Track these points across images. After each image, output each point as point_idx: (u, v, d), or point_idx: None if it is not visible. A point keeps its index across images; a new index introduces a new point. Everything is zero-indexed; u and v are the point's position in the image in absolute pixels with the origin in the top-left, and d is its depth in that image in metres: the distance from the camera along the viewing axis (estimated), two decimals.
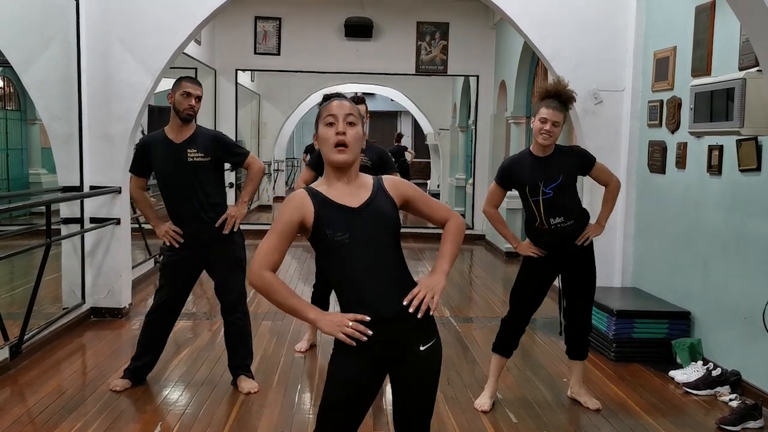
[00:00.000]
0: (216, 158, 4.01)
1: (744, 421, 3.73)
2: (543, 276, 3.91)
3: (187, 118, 3.94)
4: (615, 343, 4.83)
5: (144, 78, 5.59)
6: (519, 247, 3.94)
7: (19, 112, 11.75)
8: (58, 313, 5.26)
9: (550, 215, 3.76)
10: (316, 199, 2.12)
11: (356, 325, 2.06)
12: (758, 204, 4.11)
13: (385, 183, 2.21)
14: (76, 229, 5.50)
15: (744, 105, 3.71)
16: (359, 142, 2.16)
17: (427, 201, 2.29)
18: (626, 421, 3.84)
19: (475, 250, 10.10)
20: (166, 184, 4.02)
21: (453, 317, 6.09)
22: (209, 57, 10.29)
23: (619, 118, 5.75)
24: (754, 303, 4.02)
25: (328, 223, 2.09)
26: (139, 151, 4.10)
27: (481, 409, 3.91)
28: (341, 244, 2.08)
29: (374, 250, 2.11)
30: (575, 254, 3.87)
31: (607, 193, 3.99)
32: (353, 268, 2.11)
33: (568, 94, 3.75)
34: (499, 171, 3.95)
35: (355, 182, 2.18)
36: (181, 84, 3.94)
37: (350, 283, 2.13)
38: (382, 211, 2.15)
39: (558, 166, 3.76)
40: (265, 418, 3.74)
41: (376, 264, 2.11)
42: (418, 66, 10.57)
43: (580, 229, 3.84)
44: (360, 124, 2.17)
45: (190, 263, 4.07)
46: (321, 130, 2.16)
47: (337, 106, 2.15)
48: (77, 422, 3.61)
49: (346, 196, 2.13)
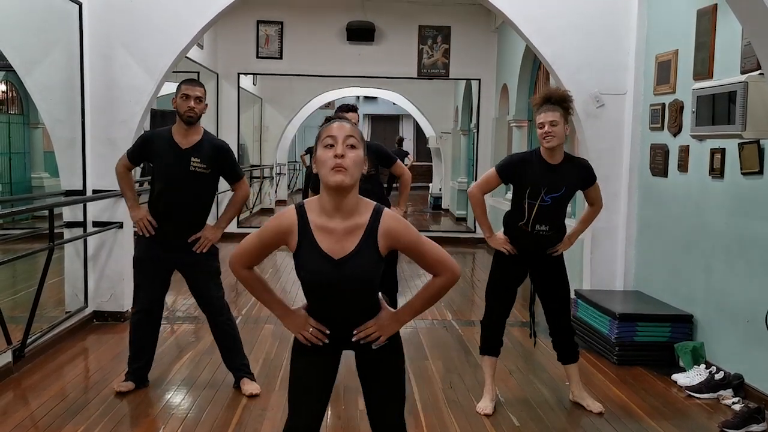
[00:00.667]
0: (216, 169, 4.01)
1: (747, 425, 3.73)
2: (512, 272, 3.93)
3: (189, 120, 3.94)
4: (617, 346, 4.83)
5: (146, 82, 5.60)
6: (492, 239, 3.91)
7: (22, 115, 11.78)
8: (61, 316, 5.27)
9: (537, 221, 3.78)
10: (302, 234, 2.11)
11: (315, 332, 2.20)
12: (761, 207, 4.11)
13: (381, 227, 2.10)
14: (78, 232, 5.51)
15: (746, 108, 3.71)
16: (359, 166, 2.06)
17: (420, 251, 2.16)
18: (629, 424, 3.83)
19: (477, 253, 10.10)
20: (161, 183, 4.01)
21: (455, 320, 6.09)
22: (212, 61, 10.31)
23: (621, 121, 5.75)
24: (756, 306, 4.01)
25: (305, 263, 2.13)
26: (141, 143, 4.10)
27: (483, 412, 3.91)
28: (311, 287, 2.17)
29: (343, 296, 2.17)
30: (546, 259, 3.91)
31: (588, 213, 4.02)
32: (322, 306, 2.21)
33: (559, 94, 3.76)
34: (505, 163, 3.91)
35: (350, 219, 2.09)
36: (180, 87, 3.98)
37: (315, 310, 2.24)
38: (361, 266, 2.12)
39: (564, 177, 3.76)
40: (267, 422, 3.74)
41: (342, 306, 2.19)
42: (420, 69, 10.59)
43: (557, 239, 3.87)
44: (362, 148, 2.08)
45: (162, 263, 4.06)
46: (320, 152, 2.09)
47: (337, 128, 2.08)
48: (80, 426, 3.62)
49: (332, 242, 2.09)
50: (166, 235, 3.99)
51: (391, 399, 2.31)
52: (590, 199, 3.98)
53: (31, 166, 11.87)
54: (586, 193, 3.96)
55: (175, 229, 3.99)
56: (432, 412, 3.94)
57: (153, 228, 3.99)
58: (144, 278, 4.11)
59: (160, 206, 4.02)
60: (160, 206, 4.02)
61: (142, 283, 4.12)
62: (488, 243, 3.98)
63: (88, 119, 5.56)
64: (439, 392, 4.27)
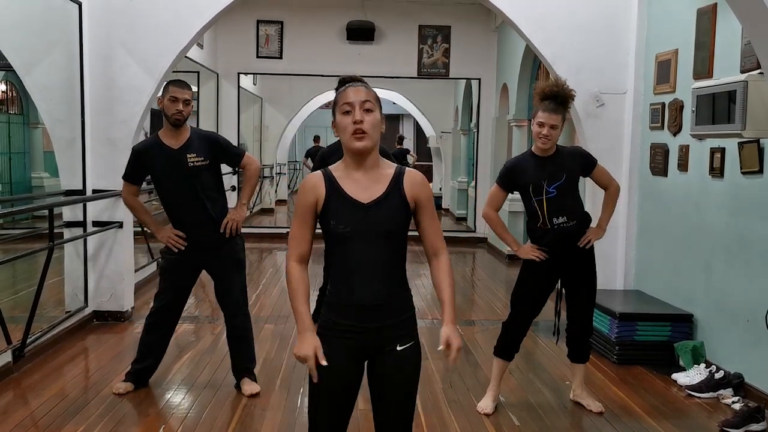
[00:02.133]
0: (213, 160, 4.00)
1: (747, 424, 3.73)
2: (544, 279, 3.89)
3: (176, 123, 3.91)
4: (618, 345, 4.83)
5: (146, 82, 5.60)
6: (520, 251, 3.89)
7: (21, 115, 11.78)
8: (61, 316, 5.27)
9: (553, 215, 3.75)
10: (329, 186, 2.14)
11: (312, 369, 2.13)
12: (760, 206, 4.11)
13: (406, 178, 2.17)
14: (78, 232, 5.51)
15: (746, 107, 3.71)
16: (377, 128, 2.14)
17: (432, 217, 2.23)
18: (629, 423, 3.83)
19: (477, 252, 10.10)
20: (166, 191, 4.00)
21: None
22: (212, 61, 10.31)
23: (621, 120, 5.75)
24: (756, 305, 4.01)
25: (334, 213, 2.12)
26: (134, 159, 4.03)
27: (483, 412, 3.91)
28: (342, 236, 2.13)
29: (372, 247, 2.13)
30: (576, 257, 3.85)
31: (607, 197, 3.98)
32: (348, 258, 2.15)
33: (566, 93, 3.74)
34: (501, 173, 3.94)
35: (373, 172, 2.16)
36: (168, 89, 3.92)
37: (342, 268, 2.17)
38: (390, 212, 2.14)
39: (561, 165, 3.76)
40: (267, 422, 3.74)
41: (371, 260, 2.14)
42: (420, 69, 10.59)
43: (581, 230, 3.83)
44: (377, 110, 2.15)
45: (190, 265, 4.07)
46: (338, 118, 2.14)
47: (353, 94, 2.12)
48: (80, 426, 3.62)
49: (359, 189, 2.13)
50: (190, 236, 3.99)
51: (401, 415, 2.26)
52: (601, 183, 3.95)
53: (31, 166, 11.87)
54: (594, 179, 3.94)
55: (195, 229, 3.98)
56: (432, 412, 3.94)
57: (183, 240, 3.99)
58: (166, 284, 4.09)
59: (173, 213, 4.03)
60: (173, 213, 4.03)
61: (164, 289, 4.10)
62: (518, 255, 3.92)
63: (87, 119, 5.56)
64: (439, 392, 4.27)
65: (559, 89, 3.73)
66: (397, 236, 2.17)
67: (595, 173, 3.90)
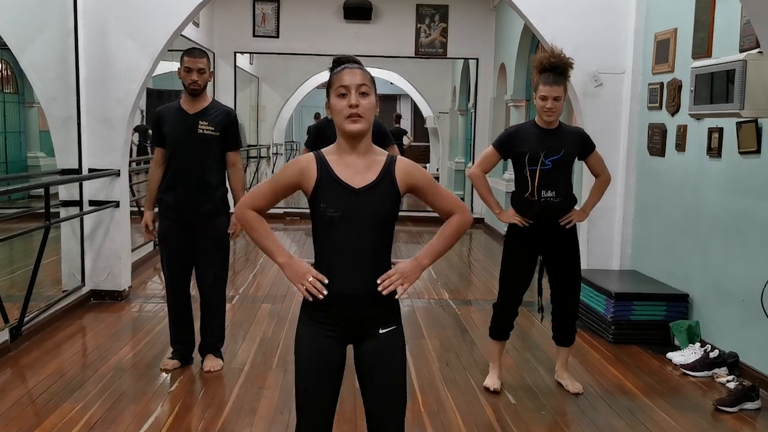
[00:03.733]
0: (223, 134, 4.02)
1: (741, 403, 3.75)
2: (526, 258, 3.88)
3: (193, 92, 3.97)
4: (613, 325, 4.85)
5: (142, 60, 5.56)
6: (502, 215, 3.88)
7: (17, 95, 11.70)
8: (58, 295, 5.28)
9: (542, 187, 3.73)
10: (321, 169, 2.12)
11: (315, 282, 2.11)
12: (758, 186, 4.11)
13: (397, 167, 2.16)
14: (75, 211, 5.50)
15: (744, 87, 3.69)
16: (372, 111, 2.13)
17: (435, 190, 2.22)
18: (624, 402, 3.86)
19: (474, 233, 10.10)
20: (173, 153, 4.02)
21: (452, 300, 6.11)
22: (208, 40, 10.23)
23: (619, 100, 5.73)
24: (752, 285, 4.03)
25: (324, 196, 2.11)
26: (155, 120, 4.12)
27: (493, 388, 3.93)
28: (331, 220, 2.11)
29: (361, 233, 2.11)
30: (559, 234, 3.83)
31: (597, 184, 3.98)
32: (335, 243, 2.13)
33: (565, 62, 3.71)
34: (500, 137, 3.90)
35: (367, 157, 2.14)
36: (183, 59, 3.99)
37: (328, 253, 2.15)
38: (381, 199, 2.13)
39: (561, 140, 3.74)
40: (264, 400, 3.76)
41: (358, 246, 2.12)
42: (418, 49, 10.52)
43: (566, 208, 3.81)
44: (373, 93, 2.13)
45: (182, 235, 4.06)
46: (333, 100, 2.12)
47: (348, 77, 2.10)
48: (78, 403, 3.63)
49: (351, 174, 2.12)
50: (178, 198, 4.01)
51: (392, 400, 2.21)
52: (594, 170, 3.94)
53: (26, 146, 11.82)
54: (588, 164, 3.93)
55: (187, 193, 4.00)
56: (429, 390, 3.96)
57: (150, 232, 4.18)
58: (166, 258, 4.14)
59: (171, 176, 4.04)
60: (171, 176, 4.04)
61: (164, 264, 4.16)
62: (500, 219, 3.93)
63: (83, 98, 5.52)
64: (436, 370, 4.30)
65: (557, 59, 3.70)
66: (386, 224, 2.16)
67: (591, 158, 3.90)
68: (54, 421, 3.41)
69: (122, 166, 5.71)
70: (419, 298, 6.13)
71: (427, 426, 3.49)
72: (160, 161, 4.09)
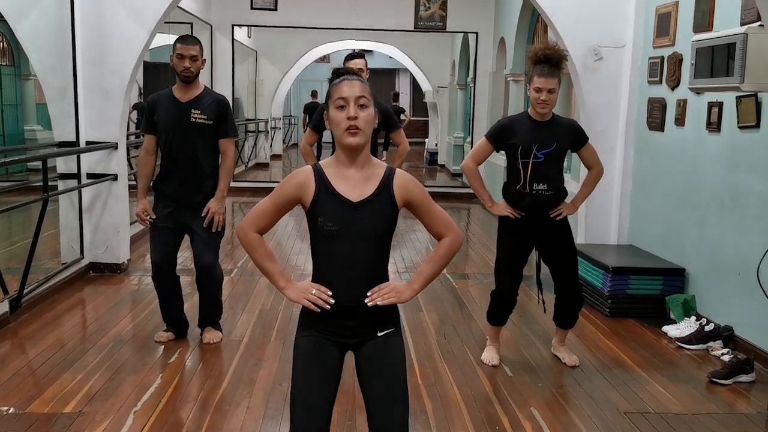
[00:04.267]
0: (216, 122, 4.01)
1: (735, 375, 3.79)
2: (521, 248, 3.89)
3: (185, 79, 3.95)
4: (610, 299, 4.88)
5: (138, 32, 5.52)
6: (494, 208, 3.89)
7: (13, 67, 11.61)
8: (57, 268, 5.29)
9: (534, 180, 3.73)
10: (320, 183, 2.12)
11: (319, 294, 2.12)
12: (756, 161, 4.11)
13: (395, 181, 2.15)
14: (72, 184, 5.49)
15: (745, 60, 3.67)
16: (371, 124, 2.12)
17: (429, 208, 2.21)
18: (619, 374, 3.89)
19: (472, 208, 10.12)
20: (166, 142, 4.02)
21: (450, 274, 6.13)
22: (205, 12, 10.15)
23: (619, 74, 5.70)
24: (748, 259, 4.04)
25: (322, 210, 2.11)
26: (148, 108, 4.10)
27: (491, 363, 3.96)
28: (329, 233, 2.11)
29: (358, 246, 2.12)
30: (550, 225, 3.84)
31: (589, 177, 3.98)
32: (332, 256, 2.15)
33: (559, 55, 3.70)
34: (494, 128, 3.91)
35: (365, 170, 2.14)
36: (175, 46, 3.96)
37: (325, 266, 2.17)
38: (379, 213, 2.12)
39: (555, 133, 3.74)
40: (263, 371, 3.79)
41: (355, 259, 2.13)
42: (417, 22, 10.44)
43: (557, 201, 3.82)
44: (371, 105, 2.12)
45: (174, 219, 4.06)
46: (332, 112, 2.12)
47: (348, 89, 2.09)
48: (78, 374, 3.66)
49: (349, 187, 2.11)
50: (174, 187, 4.01)
51: (394, 401, 2.17)
52: (587, 162, 3.94)
53: (23, 119, 11.76)
54: (581, 156, 3.93)
55: (182, 181, 4.00)
56: (426, 362, 4.00)
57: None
58: (153, 238, 4.13)
59: (164, 165, 4.05)
60: (164, 165, 4.05)
61: (152, 243, 4.14)
62: (492, 212, 3.93)
63: (79, 69, 5.49)
64: (433, 343, 4.33)
65: (552, 51, 3.69)
66: (383, 237, 2.17)
67: (584, 150, 3.89)
68: (54, 391, 3.45)
69: (120, 139, 5.69)
70: None
71: (424, 397, 3.52)
72: (151, 149, 4.09)
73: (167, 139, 4.00)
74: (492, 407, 3.45)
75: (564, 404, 3.52)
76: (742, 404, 3.56)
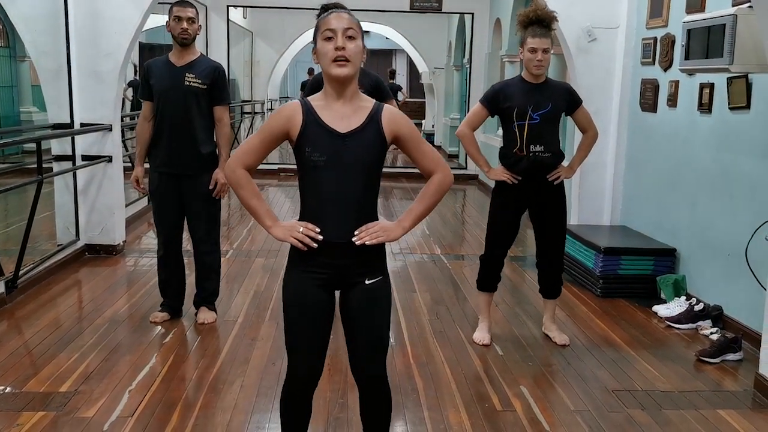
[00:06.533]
0: (211, 88, 4.02)
1: (723, 354, 3.84)
2: (513, 210, 3.93)
3: (183, 42, 3.96)
4: (601, 279, 4.92)
5: (132, 13, 5.50)
6: (491, 173, 3.90)
7: (8, 48, 11.56)
8: (53, 249, 5.32)
9: (531, 142, 3.76)
10: (307, 114, 2.12)
11: (307, 231, 2.12)
12: (746, 142, 4.13)
13: (383, 114, 2.14)
14: (67, 166, 5.51)
15: (734, 41, 3.68)
16: (359, 56, 2.10)
17: (419, 144, 2.20)
18: (609, 353, 3.94)
19: (468, 190, 10.14)
20: (159, 105, 4.02)
21: (444, 255, 6.17)
22: None
23: (613, 56, 5.70)
24: (738, 240, 4.08)
25: (310, 140, 2.11)
26: (143, 73, 4.13)
27: (482, 343, 4.01)
28: (316, 164, 2.11)
29: (346, 178, 2.11)
30: (546, 189, 3.87)
31: (584, 140, 4.00)
32: (320, 190, 2.14)
33: (549, 15, 3.73)
34: (487, 94, 3.91)
35: (353, 103, 2.13)
36: (172, 9, 3.98)
37: (313, 201, 2.16)
38: (367, 144, 2.12)
39: (549, 95, 3.77)
40: (257, 351, 3.84)
41: (343, 192, 2.12)
42: (413, 3, 10.39)
43: (555, 164, 3.84)
44: (360, 38, 2.11)
45: (171, 188, 4.08)
46: (319, 44, 2.11)
47: (335, 20, 2.08)
48: (74, 354, 3.71)
49: (337, 119, 2.11)
50: (166, 151, 4.03)
51: (375, 345, 2.25)
52: (581, 125, 3.96)
53: (18, 100, 11.73)
54: (576, 119, 3.94)
55: (174, 145, 4.01)
56: (418, 342, 4.04)
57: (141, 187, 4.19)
58: (157, 213, 4.18)
59: (158, 128, 4.04)
60: (158, 128, 4.04)
61: (156, 217, 4.20)
62: (488, 176, 3.96)
63: (73, 51, 5.47)
64: (426, 323, 4.37)
65: (542, 12, 3.72)
66: (371, 170, 2.16)
67: (578, 113, 3.91)
68: (50, 371, 3.49)
69: (114, 121, 5.70)
70: (411, 252, 6.19)
71: (415, 376, 3.57)
72: (148, 115, 4.09)
73: (161, 102, 4.00)
74: (482, 385, 3.50)
75: (553, 382, 3.57)
76: (729, 382, 3.61)
